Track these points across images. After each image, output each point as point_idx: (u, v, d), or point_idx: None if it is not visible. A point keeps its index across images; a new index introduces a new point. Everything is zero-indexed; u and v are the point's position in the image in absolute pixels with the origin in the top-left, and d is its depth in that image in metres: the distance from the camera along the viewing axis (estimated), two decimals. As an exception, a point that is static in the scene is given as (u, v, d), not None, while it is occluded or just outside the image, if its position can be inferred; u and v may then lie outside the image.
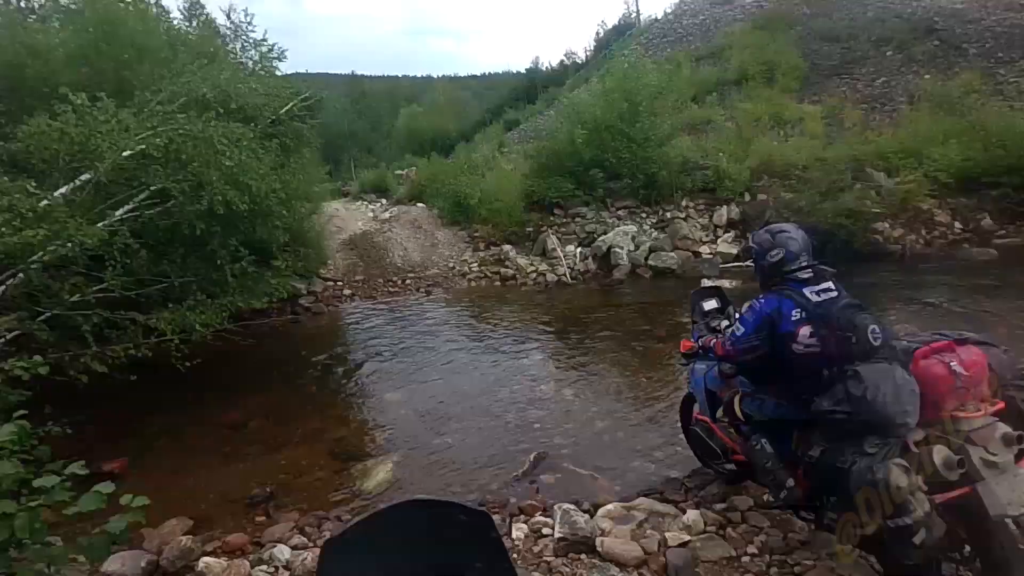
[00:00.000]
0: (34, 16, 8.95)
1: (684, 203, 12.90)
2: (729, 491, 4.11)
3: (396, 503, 1.18)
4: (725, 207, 12.59)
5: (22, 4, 9.07)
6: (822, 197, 11.19)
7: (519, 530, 3.80)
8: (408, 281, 12.06)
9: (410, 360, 7.78)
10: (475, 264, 12.54)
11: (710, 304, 3.88)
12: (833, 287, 2.82)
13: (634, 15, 33.61)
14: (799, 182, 11.98)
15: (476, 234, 13.39)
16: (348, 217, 15.01)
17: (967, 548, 2.35)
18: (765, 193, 12.46)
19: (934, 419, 2.34)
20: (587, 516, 3.73)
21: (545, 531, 3.74)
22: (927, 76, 16.48)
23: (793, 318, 2.72)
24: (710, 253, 11.94)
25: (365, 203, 16.85)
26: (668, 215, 12.79)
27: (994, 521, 2.13)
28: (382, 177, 18.71)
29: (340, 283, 11.83)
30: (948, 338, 2.53)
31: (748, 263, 10.86)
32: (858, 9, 21.04)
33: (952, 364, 2.35)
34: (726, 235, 12.32)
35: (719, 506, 3.91)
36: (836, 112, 15.93)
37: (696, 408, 3.96)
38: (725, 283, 10.46)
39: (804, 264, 2.86)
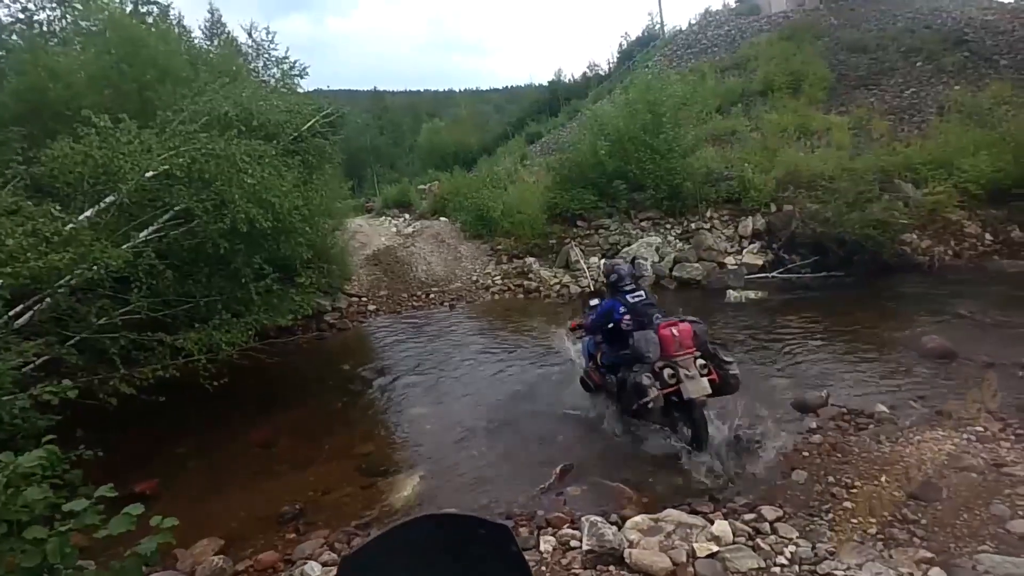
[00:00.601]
0: (56, 39, 9.08)
1: (708, 214, 12.74)
2: (758, 502, 4.08)
3: (414, 518, 1.15)
4: (750, 218, 12.40)
5: (44, 28, 9.22)
6: (849, 208, 11.00)
7: (547, 543, 3.79)
8: (432, 295, 12.08)
9: (435, 374, 7.76)
10: (498, 277, 12.52)
11: (594, 302, 5.92)
12: (643, 293, 5.24)
13: (658, 26, 33.70)
14: (825, 193, 11.76)
15: (499, 247, 13.39)
16: (371, 232, 15.14)
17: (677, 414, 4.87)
18: (791, 204, 12.25)
19: (666, 356, 4.65)
20: (615, 528, 3.71)
21: (573, 543, 3.74)
22: (957, 87, 16.18)
23: (620, 311, 5.13)
24: (735, 264, 11.75)
25: (388, 218, 16.98)
26: (692, 226, 12.64)
27: (687, 400, 4.59)
28: (405, 192, 18.85)
29: (364, 299, 11.90)
30: (676, 319, 4.89)
31: (772, 275, 10.82)
32: (887, 20, 20.80)
33: (673, 331, 4.69)
34: (751, 246, 12.11)
35: (748, 517, 3.91)
36: (863, 123, 15.67)
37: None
38: (751, 294, 10.28)
39: (628, 281, 5.25)
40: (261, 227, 6.37)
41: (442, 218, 15.55)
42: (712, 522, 3.74)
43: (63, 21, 9.59)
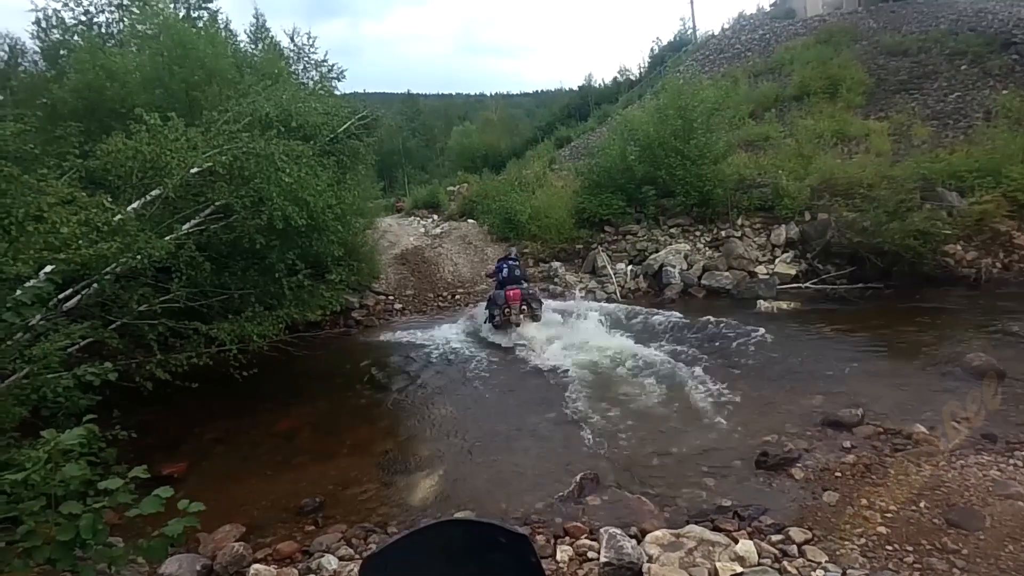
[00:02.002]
0: (113, 41, 9.59)
1: (740, 221, 12.52)
2: (786, 522, 3.95)
3: (434, 522, 1.16)
4: (783, 226, 12.14)
5: (103, 30, 9.72)
6: (888, 217, 10.64)
7: (563, 552, 3.74)
8: (458, 296, 12.17)
9: (458, 375, 7.80)
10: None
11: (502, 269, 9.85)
12: (517, 263, 10.01)
13: (690, 31, 33.29)
14: (863, 201, 11.42)
15: (525, 250, 13.39)
16: (400, 232, 15.32)
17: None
18: (826, 212, 11.93)
19: (508, 303, 9.11)
20: (634, 541, 3.63)
21: (591, 555, 3.67)
22: (1004, 91, 15.53)
23: (503, 269, 9.74)
24: (767, 273, 11.52)
25: (417, 219, 17.17)
26: (723, 234, 12.43)
27: (518, 321, 9.18)
28: (434, 193, 19.03)
29: (391, 297, 12.05)
30: (518, 287, 9.34)
31: (805, 285, 10.54)
32: (929, 22, 20.14)
33: (511, 291, 9.16)
34: (784, 255, 11.85)
35: (775, 537, 3.76)
36: (904, 128, 15.19)
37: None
38: (783, 305, 10.06)
39: (513, 257, 10.25)
40: (296, 224, 6.59)
41: (470, 220, 15.64)
42: (736, 541, 3.62)
43: (120, 24, 10.11)
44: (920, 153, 13.39)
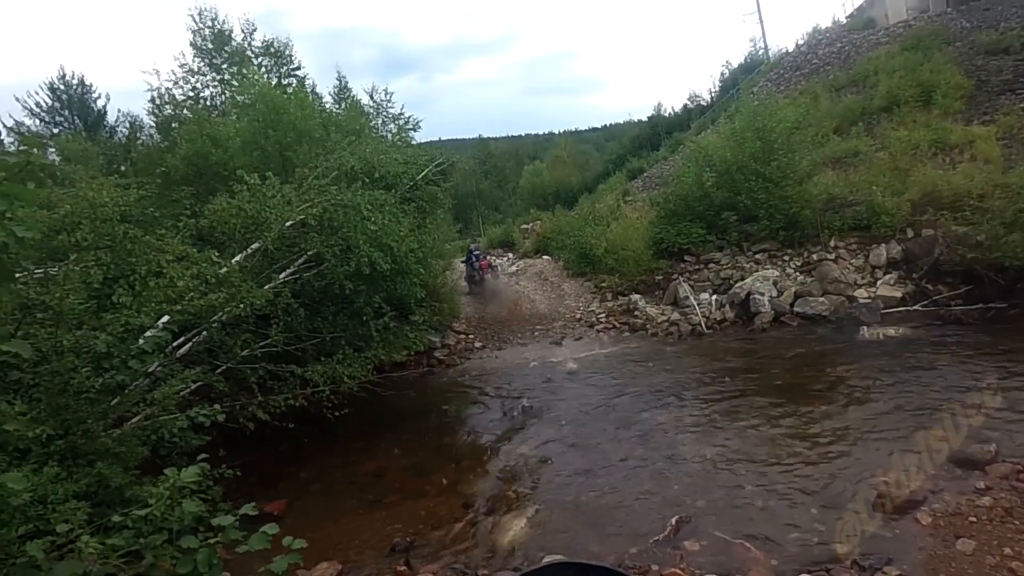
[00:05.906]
0: (216, 112, 10.73)
1: (832, 243, 11.77)
2: (915, 574, 3.53)
3: (545, 564, 1.12)
4: (883, 245, 11.27)
5: (208, 103, 10.94)
6: (1006, 229, 9.63)
7: (663, 602, 3.52)
8: (536, 332, 12.15)
9: (540, 412, 7.71)
10: (603, 314, 12.36)
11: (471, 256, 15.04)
12: (479, 251, 15.43)
13: (761, 51, 32.47)
14: (974, 213, 10.43)
15: (602, 284, 13.28)
16: (477, 271, 15.73)
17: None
18: (932, 228, 10.98)
19: (481, 270, 14.69)
20: (741, 592, 3.36)
21: (692, 605, 3.43)
22: None
23: (472, 254, 14.94)
24: (867, 297, 10.66)
25: (493, 257, 17.53)
26: (814, 257, 11.72)
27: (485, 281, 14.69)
28: (508, 232, 19.40)
29: (471, 335, 12.23)
30: (486, 259, 15.41)
31: (913, 307, 9.62)
32: (1031, 15, 18.48)
33: (483, 262, 14.79)
34: (886, 276, 10.96)
35: None
36: (1014, 131, 13.84)
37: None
38: (889, 331, 9.25)
39: (474, 248, 15.32)
40: (381, 269, 6.96)
41: (544, 256, 15.76)
42: (858, 595, 3.29)
43: (223, 96, 11.32)
44: (1038, 157, 12.10)
